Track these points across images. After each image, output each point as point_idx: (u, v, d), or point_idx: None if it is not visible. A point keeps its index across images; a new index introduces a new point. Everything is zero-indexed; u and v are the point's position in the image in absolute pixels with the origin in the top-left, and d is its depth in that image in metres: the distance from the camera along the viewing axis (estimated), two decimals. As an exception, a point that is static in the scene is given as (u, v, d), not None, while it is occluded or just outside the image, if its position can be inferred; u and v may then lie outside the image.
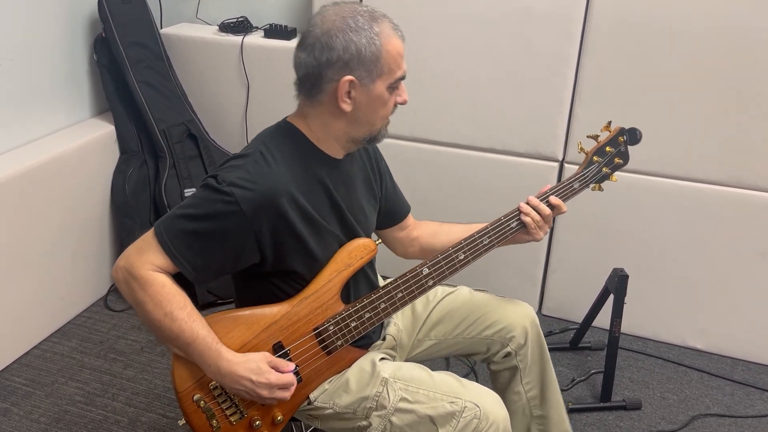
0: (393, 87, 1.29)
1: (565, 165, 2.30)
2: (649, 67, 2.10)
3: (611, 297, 2.06)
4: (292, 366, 1.29)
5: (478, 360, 1.64)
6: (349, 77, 1.24)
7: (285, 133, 1.33)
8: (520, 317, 1.55)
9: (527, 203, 1.46)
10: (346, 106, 1.27)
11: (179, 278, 1.28)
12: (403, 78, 1.31)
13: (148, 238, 1.26)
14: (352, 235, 1.39)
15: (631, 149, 1.56)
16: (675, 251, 2.28)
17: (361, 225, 1.41)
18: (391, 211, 1.60)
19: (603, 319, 2.19)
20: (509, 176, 2.36)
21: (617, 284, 2.01)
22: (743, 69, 2.02)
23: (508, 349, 1.54)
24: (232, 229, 1.24)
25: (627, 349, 2.38)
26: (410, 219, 1.65)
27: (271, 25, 2.62)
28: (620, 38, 2.09)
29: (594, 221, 2.32)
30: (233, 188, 1.22)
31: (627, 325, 2.37)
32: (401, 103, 1.34)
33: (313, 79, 1.27)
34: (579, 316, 2.35)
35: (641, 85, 2.13)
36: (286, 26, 2.61)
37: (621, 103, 2.16)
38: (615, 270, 2.04)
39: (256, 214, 1.23)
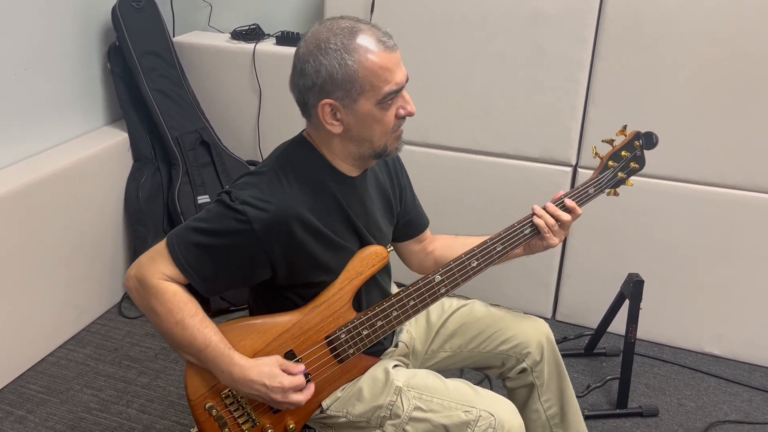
0: (384, 102, 1.22)
1: (579, 170, 2.29)
2: (662, 71, 2.08)
3: (626, 302, 2.04)
4: (302, 367, 1.28)
5: (492, 375, 1.62)
6: (326, 101, 1.21)
7: (301, 149, 1.32)
8: (535, 333, 1.53)
9: (543, 208, 1.43)
10: (334, 128, 1.25)
11: (191, 287, 1.28)
12: (394, 92, 1.22)
13: (161, 248, 1.26)
14: None
15: (647, 153, 1.53)
16: (691, 256, 2.26)
17: (377, 240, 1.40)
18: (408, 225, 1.58)
19: (618, 325, 2.17)
20: (522, 181, 2.35)
21: (633, 290, 2.00)
22: (758, 72, 2.00)
23: (524, 365, 1.52)
24: (243, 247, 1.24)
25: (643, 355, 2.35)
26: (427, 233, 1.63)
27: (282, 32, 2.63)
28: (633, 42, 2.08)
29: (609, 226, 2.31)
30: (246, 207, 1.21)
31: (643, 331, 2.35)
32: (406, 116, 1.28)
33: (302, 104, 1.27)
34: (594, 322, 2.33)
35: (655, 89, 2.11)
36: (297, 33, 2.61)
37: (635, 106, 2.15)
38: (630, 275, 2.03)
39: (267, 234, 1.23)
